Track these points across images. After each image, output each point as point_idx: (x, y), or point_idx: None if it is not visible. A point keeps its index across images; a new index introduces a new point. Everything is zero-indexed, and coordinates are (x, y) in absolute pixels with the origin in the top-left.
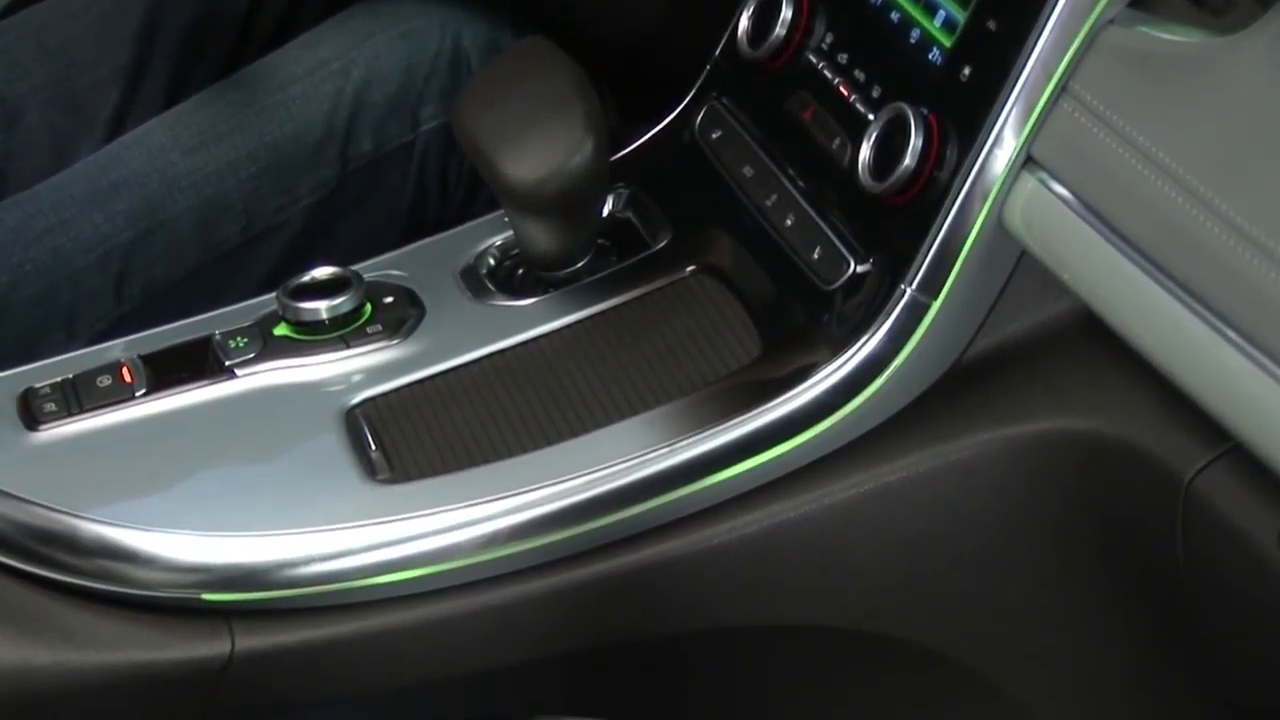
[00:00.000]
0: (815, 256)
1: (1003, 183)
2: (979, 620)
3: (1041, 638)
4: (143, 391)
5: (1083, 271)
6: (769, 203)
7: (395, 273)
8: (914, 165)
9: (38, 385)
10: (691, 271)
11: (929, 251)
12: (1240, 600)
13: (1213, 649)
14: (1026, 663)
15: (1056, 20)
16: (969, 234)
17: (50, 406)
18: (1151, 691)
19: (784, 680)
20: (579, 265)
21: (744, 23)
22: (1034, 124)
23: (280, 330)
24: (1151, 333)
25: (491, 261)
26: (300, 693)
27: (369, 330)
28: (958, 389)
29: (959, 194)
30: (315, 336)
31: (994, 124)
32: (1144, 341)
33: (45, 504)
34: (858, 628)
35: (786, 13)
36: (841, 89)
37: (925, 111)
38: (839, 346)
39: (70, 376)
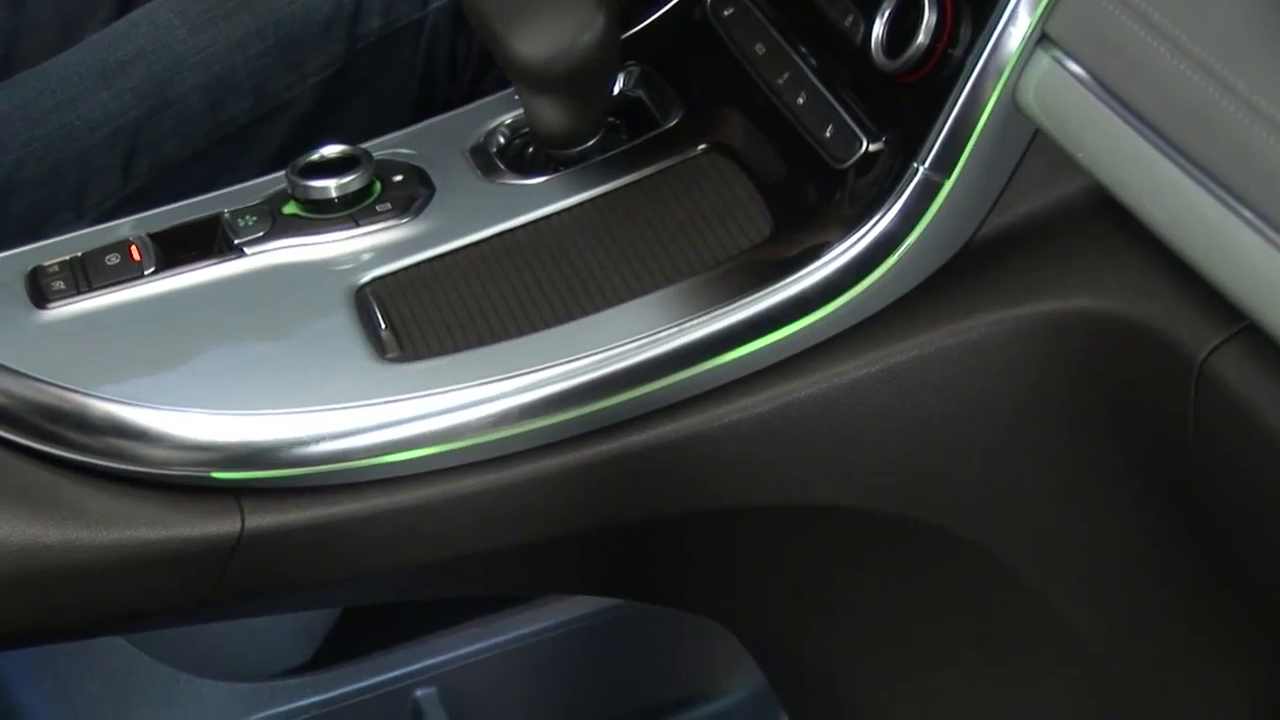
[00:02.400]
0: (827, 135)
1: (1017, 61)
2: (989, 500)
3: (1051, 518)
4: (151, 270)
5: (1097, 150)
6: (780, 81)
7: (404, 151)
8: (927, 43)
9: (46, 264)
10: (702, 150)
11: (942, 130)
12: (1252, 480)
13: (1223, 530)
14: (1036, 543)
15: None
16: (982, 113)
17: (58, 285)
18: (1161, 572)
19: (794, 560)
20: (589, 144)
21: None
22: (1049, 1)
23: (289, 209)
24: (1166, 211)
25: (501, 140)
26: (310, 571)
27: (378, 209)
28: (969, 269)
29: (972, 72)
30: (324, 215)
31: (1008, 1)
32: (1158, 220)
33: (54, 382)
34: (868, 507)
35: None
36: None
37: None
38: (850, 225)
39: (78, 255)
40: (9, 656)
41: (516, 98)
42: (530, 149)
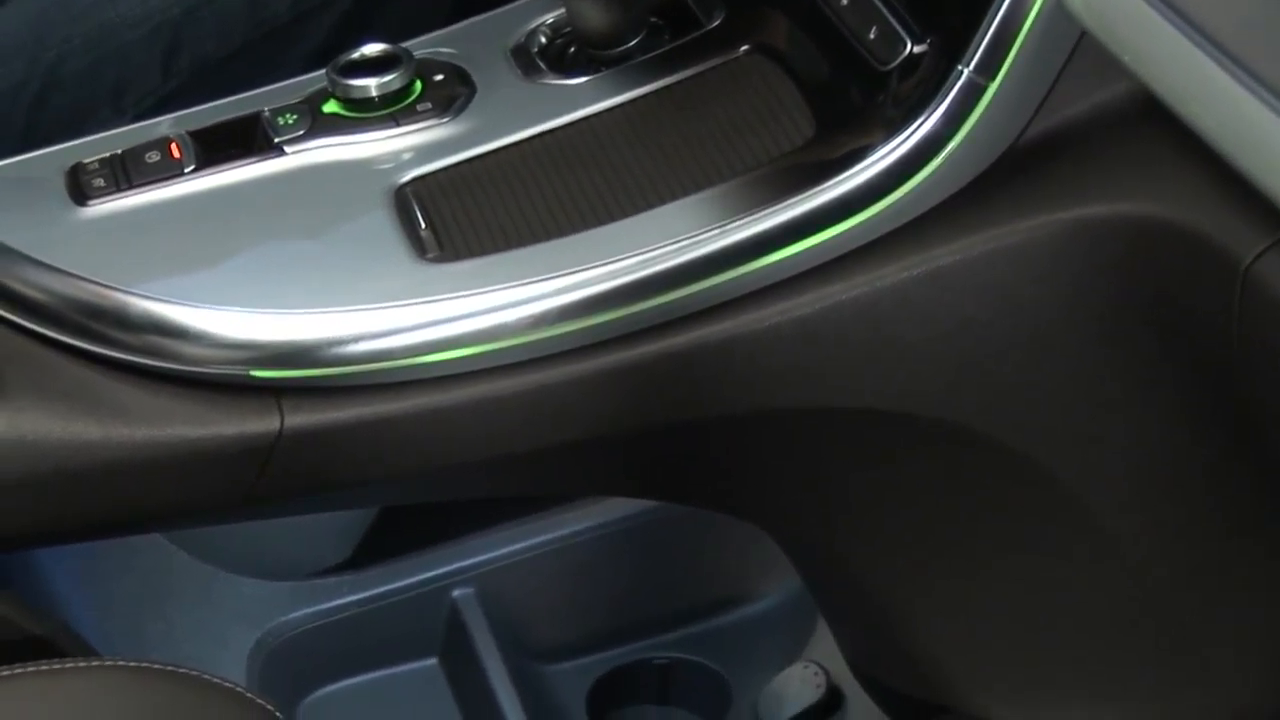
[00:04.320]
0: (871, 36)
1: None
2: (1029, 405)
3: (1091, 422)
4: (191, 168)
5: (1143, 53)
6: None
7: (445, 50)
8: None
9: (86, 161)
10: (745, 51)
11: (987, 32)
12: None
13: (1264, 434)
14: (1076, 447)
15: None
16: (1028, 14)
17: (99, 182)
18: (1201, 477)
19: (832, 463)
20: (631, 44)
21: None
22: None
23: (329, 107)
24: (1212, 115)
25: (543, 39)
26: (348, 470)
27: (419, 108)
28: (1013, 173)
29: None
30: (365, 114)
31: None
32: (1204, 125)
33: (94, 279)
34: (908, 411)
35: None
36: None
37: None
38: (894, 128)
39: (119, 152)
40: (49, 553)
41: None
42: (571, 49)
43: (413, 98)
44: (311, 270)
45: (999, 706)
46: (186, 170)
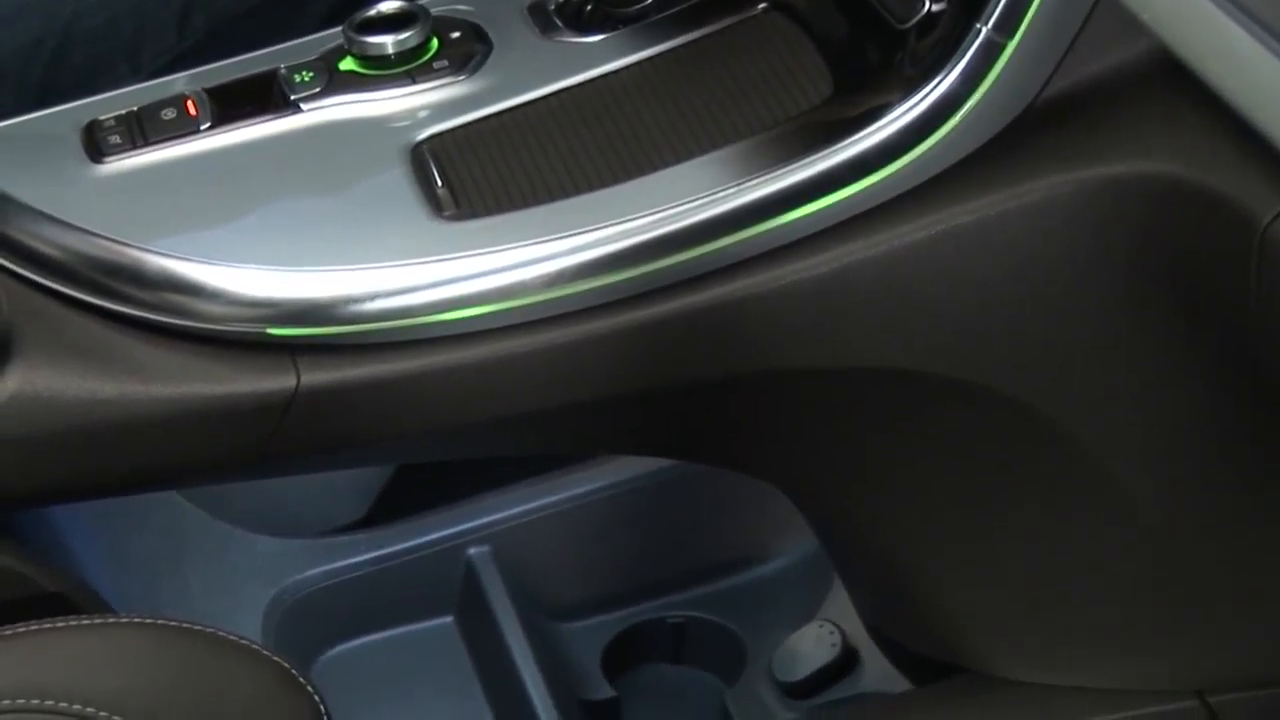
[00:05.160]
0: None
1: None
2: (1048, 365)
3: (1110, 383)
4: (207, 125)
5: (1162, 10)
6: None
7: (462, 8)
8: None
9: (102, 118)
10: (763, 9)
11: None
12: None
13: None
14: (1094, 408)
15: None
16: None
17: (115, 139)
18: (1220, 438)
19: (850, 423)
20: (648, 1)
21: None
22: None
23: (346, 65)
24: (1232, 75)
25: None
26: (364, 428)
27: (435, 65)
28: (1031, 131)
29: None
30: (381, 71)
31: None
32: (1223, 84)
33: (110, 236)
34: (925, 371)
35: None
36: None
37: None
38: (911, 86)
39: (135, 109)
40: (65, 510)
41: None
42: (589, 6)
43: (429, 55)
44: (328, 228)
45: (1014, 665)
46: (202, 127)
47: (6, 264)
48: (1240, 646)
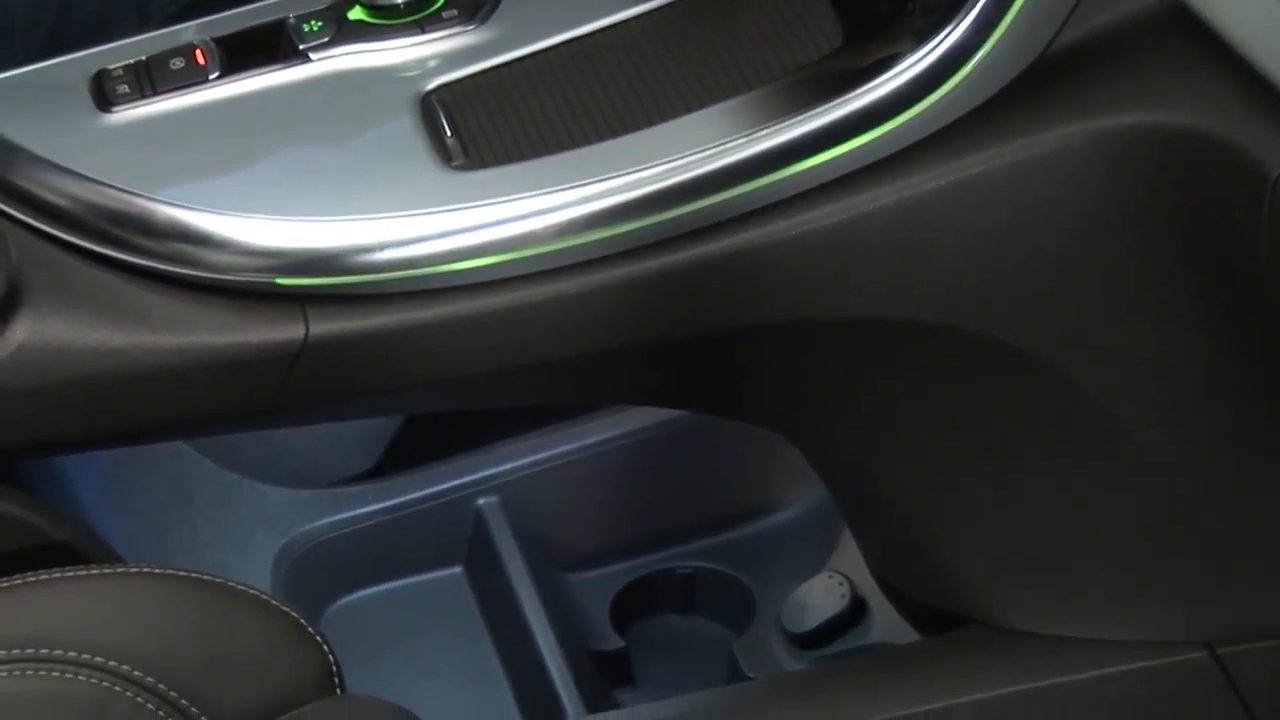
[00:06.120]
0: None
1: None
2: (1060, 316)
3: (1122, 333)
4: (216, 74)
5: None
6: None
7: None
8: None
9: (110, 67)
10: None
11: None
12: None
13: None
14: (1106, 359)
15: None
16: None
17: (123, 88)
18: (1233, 390)
19: (861, 374)
20: None
21: None
22: None
23: (355, 14)
24: (1243, 25)
25: None
26: (373, 378)
27: (445, 15)
28: (1043, 82)
29: None
30: (390, 20)
31: None
32: (1235, 34)
33: (119, 186)
34: (936, 321)
35: None
36: None
37: None
38: (922, 36)
39: (143, 58)
40: (73, 460)
41: None
42: None
43: (439, 4)
44: (337, 178)
45: (1023, 617)
46: (211, 77)
47: (15, 214)
48: (1250, 598)
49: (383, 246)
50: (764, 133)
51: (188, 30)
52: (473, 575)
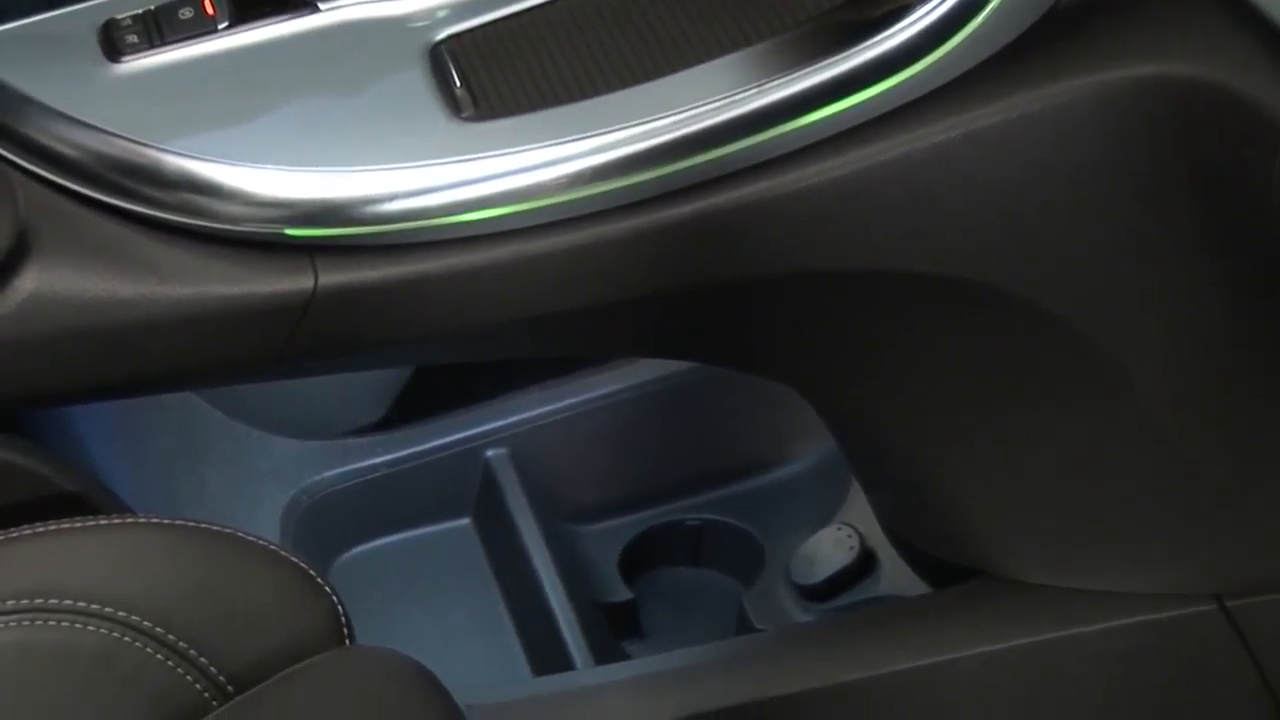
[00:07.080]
0: None
1: None
2: (1069, 269)
3: (1131, 286)
4: (225, 24)
5: None
6: None
7: None
8: None
9: (119, 17)
10: None
11: None
12: None
13: None
14: (1114, 312)
15: None
16: None
17: (132, 38)
18: (1244, 344)
19: (870, 326)
20: None
21: None
22: None
23: None
24: None
25: None
26: (382, 330)
27: None
28: (1054, 33)
29: None
30: None
31: None
32: None
33: (128, 136)
34: (947, 274)
35: None
36: None
37: None
38: None
39: (152, 8)
40: (83, 411)
41: None
42: None
43: None
44: (346, 128)
45: (1031, 570)
46: (220, 27)
47: (24, 164)
48: (1259, 550)
49: (392, 197)
50: (775, 83)
51: None
52: (481, 527)
